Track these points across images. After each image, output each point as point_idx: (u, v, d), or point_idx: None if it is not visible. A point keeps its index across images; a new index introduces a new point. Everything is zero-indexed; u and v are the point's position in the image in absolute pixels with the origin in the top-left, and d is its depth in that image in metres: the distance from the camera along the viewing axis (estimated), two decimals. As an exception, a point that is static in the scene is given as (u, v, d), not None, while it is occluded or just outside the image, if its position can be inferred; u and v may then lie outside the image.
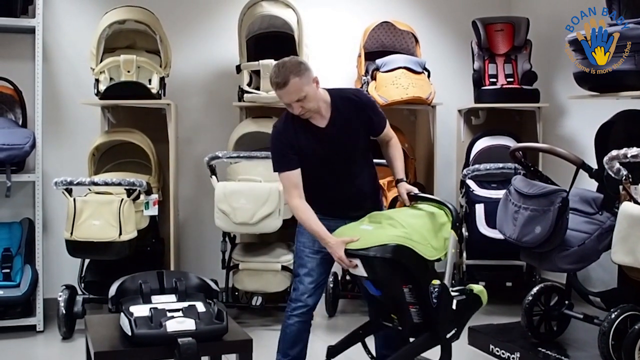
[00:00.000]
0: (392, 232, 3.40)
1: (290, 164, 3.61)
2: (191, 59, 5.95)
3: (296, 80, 3.48)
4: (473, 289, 3.63)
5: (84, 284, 5.16)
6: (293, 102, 3.51)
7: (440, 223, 3.55)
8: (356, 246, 3.40)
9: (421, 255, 3.41)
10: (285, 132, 3.64)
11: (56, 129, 5.59)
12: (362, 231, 3.47)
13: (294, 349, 3.83)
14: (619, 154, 3.71)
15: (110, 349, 2.92)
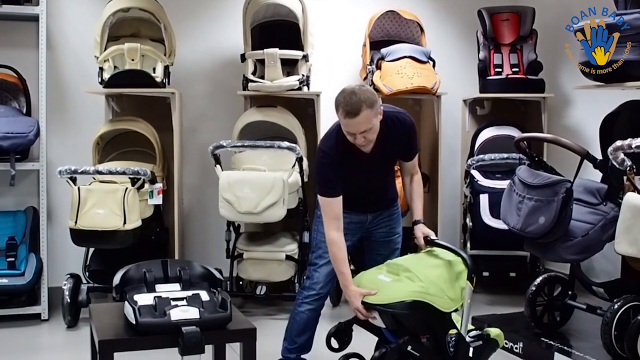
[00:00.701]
0: (409, 287, 3.39)
1: (336, 190, 3.57)
2: (196, 48, 5.95)
3: (368, 112, 3.36)
4: (490, 333, 3.60)
5: (88, 273, 5.18)
6: (358, 133, 3.41)
7: (457, 272, 3.52)
8: (375, 301, 3.40)
9: (438, 308, 3.40)
10: (334, 157, 3.57)
11: (60, 117, 5.60)
12: (380, 283, 3.47)
13: (302, 336, 3.88)
14: (624, 145, 3.71)
15: (115, 337, 2.92)
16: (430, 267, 3.53)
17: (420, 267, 3.51)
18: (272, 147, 5.04)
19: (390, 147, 3.64)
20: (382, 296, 3.40)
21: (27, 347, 4.73)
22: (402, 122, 3.68)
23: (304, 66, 5.50)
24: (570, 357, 4.14)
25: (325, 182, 3.58)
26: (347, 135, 3.47)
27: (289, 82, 5.38)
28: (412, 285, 3.39)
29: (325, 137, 3.69)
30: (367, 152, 3.58)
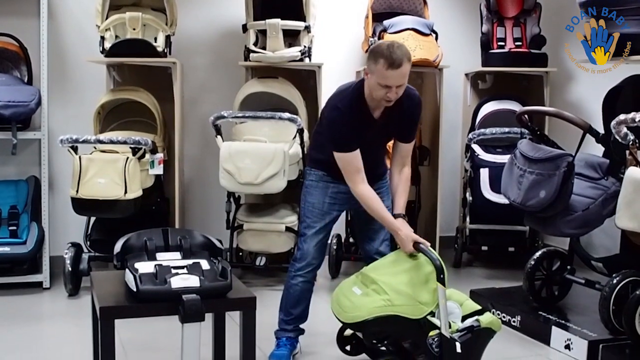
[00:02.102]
0: (373, 302, 3.39)
1: (352, 145, 3.57)
2: (197, 17, 5.91)
3: (407, 66, 3.41)
4: (482, 322, 3.50)
5: (89, 242, 5.19)
6: (395, 86, 3.41)
7: (427, 273, 3.47)
8: (346, 319, 3.46)
9: (408, 317, 3.39)
10: (349, 115, 3.55)
11: (62, 86, 5.58)
12: (354, 297, 3.48)
13: (297, 308, 3.89)
14: (627, 119, 3.70)
15: (115, 304, 2.93)
16: (398, 273, 3.50)
17: (387, 276, 3.49)
18: (273, 118, 5.03)
19: (395, 118, 3.64)
20: (353, 314, 3.42)
21: (28, 315, 4.75)
22: (411, 97, 3.67)
23: (306, 37, 5.47)
24: (568, 331, 4.16)
25: (342, 139, 3.58)
26: (378, 90, 3.44)
27: (290, 53, 5.36)
28: (376, 301, 3.39)
29: (340, 96, 3.65)
30: (376, 118, 3.60)
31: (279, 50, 5.31)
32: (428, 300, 3.41)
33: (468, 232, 5.87)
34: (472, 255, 6.21)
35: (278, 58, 5.32)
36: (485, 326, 3.46)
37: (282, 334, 3.95)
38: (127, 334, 3.92)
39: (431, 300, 3.40)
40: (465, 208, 5.88)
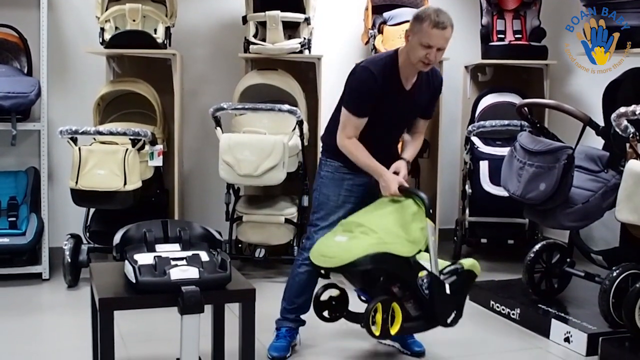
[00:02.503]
0: (365, 241, 3.38)
1: (365, 111, 3.62)
2: (197, 9, 5.90)
3: (450, 30, 3.53)
4: (463, 265, 3.59)
5: (89, 233, 5.20)
6: (436, 48, 3.49)
7: (411, 213, 3.50)
8: (336, 264, 3.39)
9: (400, 255, 3.40)
10: (376, 79, 3.59)
11: (61, 77, 5.57)
12: (338, 245, 3.44)
13: (301, 297, 3.91)
14: (627, 111, 3.69)
15: (115, 296, 2.93)
16: (384, 215, 3.52)
17: (372, 218, 3.51)
18: (272, 110, 5.02)
19: (424, 92, 3.72)
20: (342, 257, 3.37)
21: (28, 306, 4.76)
22: (436, 75, 3.80)
23: (306, 29, 5.46)
24: (568, 324, 4.16)
25: (360, 100, 3.63)
26: (418, 51, 3.49)
27: (290, 45, 5.35)
28: (368, 239, 3.39)
29: (373, 60, 3.71)
30: (407, 89, 3.66)
31: (279, 42, 5.30)
32: (417, 239, 3.43)
33: (467, 224, 5.87)
34: (471, 248, 6.19)
35: (278, 50, 5.31)
36: (467, 268, 3.57)
37: (283, 323, 3.95)
38: (126, 325, 3.93)
39: (420, 239, 3.43)
40: (464, 200, 5.88)
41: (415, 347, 3.94)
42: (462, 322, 4.50)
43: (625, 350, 3.83)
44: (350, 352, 4.00)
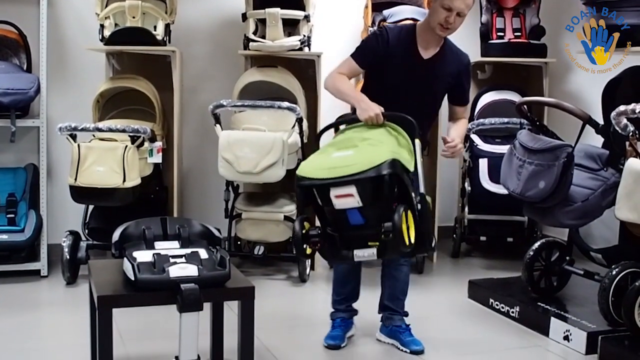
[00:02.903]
0: (381, 149, 3.29)
1: (364, 61, 3.71)
2: (197, 6, 5.89)
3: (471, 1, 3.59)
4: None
5: (87, 230, 5.19)
6: (455, 12, 3.54)
7: (396, 135, 3.48)
8: (352, 171, 3.18)
9: (407, 167, 3.33)
10: (387, 39, 3.68)
11: (61, 74, 5.56)
12: (343, 159, 3.28)
13: (345, 287, 4.01)
14: (627, 110, 3.68)
15: (113, 293, 2.93)
16: (382, 134, 3.49)
17: (375, 135, 3.46)
18: (272, 107, 5.01)
19: (446, 68, 3.73)
20: (358, 165, 3.19)
21: (26, 303, 4.75)
22: (460, 55, 3.82)
23: (305, 26, 5.45)
24: (567, 322, 4.15)
25: (362, 48, 3.77)
26: (439, 14, 3.56)
27: (290, 42, 5.34)
28: (383, 147, 3.32)
29: (392, 26, 3.84)
30: (424, 58, 3.68)
31: (279, 40, 5.29)
32: (408, 159, 3.38)
33: (466, 222, 5.87)
34: (470, 246, 6.21)
35: (277, 47, 5.30)
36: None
37: (336, 314, 4.05)
38: (124, 323, 3.92)
39: (410, 158, 3.39)
40: (463, 198, 5.88)
41: (413, 345, 3.94)
42: (462, 319, 4.54)
43: (624, 349, 3.82)
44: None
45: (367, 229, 3.30)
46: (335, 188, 3.23)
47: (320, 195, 3.32)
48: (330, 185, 3.23)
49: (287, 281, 5.29)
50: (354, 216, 3.29)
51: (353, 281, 4.02)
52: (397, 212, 3.18)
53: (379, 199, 3.25)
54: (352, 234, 3.36)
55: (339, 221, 3.35)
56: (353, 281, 4.02)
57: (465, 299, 4.95)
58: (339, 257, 3.46)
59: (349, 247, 3.35)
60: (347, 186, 3.20)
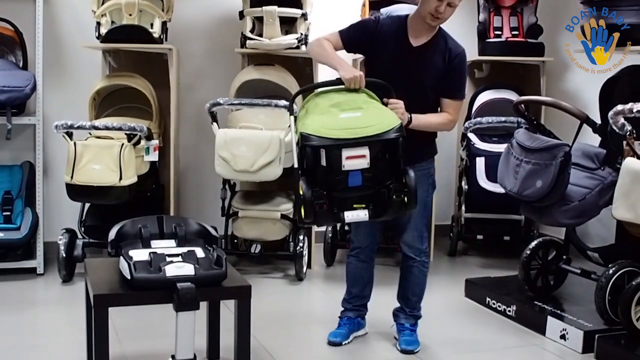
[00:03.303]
0: (387, 113, 3.40)
1: (349, 37, 3.73)
2: (194, 4, 5.87)
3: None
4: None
5: (84, 228, 5.17)
6: (446, 2, 3.54)
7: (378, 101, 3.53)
8: (370, 132, 3.25)
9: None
10: (378, 23, 3.72)
11: (57, 72, 5.54)
12: (356, 119, 3.32)
13: (355, 287, 4.03)
14: (625, 109, 3.68)
15: (109, 292, 2.92)
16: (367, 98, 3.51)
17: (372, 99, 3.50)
18: (269, 105, 5.01)
19: (433, 58, 3.68)
20: (376, 127, 3.27)
21: (22, 300, 4.74)
22: (453, 47, 3.74)
23: (303, 25, 5.44)
24: (563, 321, 4.15)
25: (352, 26, 3.80)
26: (430, 3, 3.56)
27: (287, 41, 5.33)
28: (388, 112, 3.42)
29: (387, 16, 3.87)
30: (413, 46, 3.67)
31: (276, 38, 5.28)
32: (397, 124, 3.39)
33: (463, 220, 5.87)
34: (467, 244, 6.21)
35: (275, 45, 5.29)
36: None
37: (344, 313, 4.08)
38: (121, 321, 3.92)
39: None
40: (460, 197, 5.88)
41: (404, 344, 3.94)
42: (459, 318, 4.55)
43: (621, 348, 3.83)
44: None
45: (363, 190, 3.35)
46: (349, 149, 3.26)
47: (328, 155, 3.32)
48: (345, 145, 3.25)
49: (284, 280, 5.28)
50: (355, 178, 3.33)
51: (362, 281, 4.01)
52: (408, 174, 3.31)
53: (383, 161, 3.33)
54: (344, 196, 3.37)
55: (335, 183, 3.35)
56: (362, 281, 4.01)
57: (462, 297, 4.95)
58: (330, 219, 3.44)
59: (340, 209, 3.38)
60: (362, 147, 3.26)
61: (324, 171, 3.35)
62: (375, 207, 3.37)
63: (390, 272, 5.32)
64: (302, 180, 3.35)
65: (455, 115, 3.76)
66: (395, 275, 4.09)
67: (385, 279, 4.57)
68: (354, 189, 3.35)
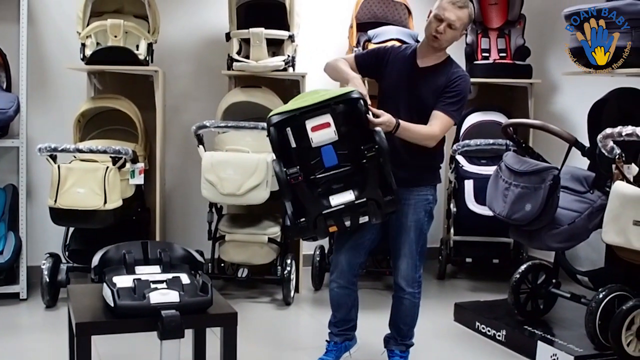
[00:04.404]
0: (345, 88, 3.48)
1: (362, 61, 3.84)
2: (180, 25, 5.85)
3: (465, 13, 3.62)
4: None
5: (68, 253, 5.11)
6: (446, 23, 3.58)
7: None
8: (324, 98, 3.36)
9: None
10: (393, 51, 3.81)
11: (41, 93, 5.50)
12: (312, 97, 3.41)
13: (339, 312, 3.94)
14: (614, 132, 3.66)
15: (92, 320, 2.86)
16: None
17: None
18: (256, 128, 4.97)
19: (435, 79, 3.69)
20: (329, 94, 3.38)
21: (5, 326, 4.65)
22: (457, 71, 3.74)
23: (290, 47, 5.42)
24: (554, 346, 4.11)
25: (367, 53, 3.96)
26: (432, 24, 3.63)
27: (274, 63, 5.30)
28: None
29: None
30: (420, 66, 3.72)
31: (263, 60, 5.25)
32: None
33: (452, 243, 5.83)
34: (456, 267, 6.17)
35: (262, 67, 5.27)
36: None
37: (331, 337, 3.99)
38: (105, 348, 3.86)
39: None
40: (449, 219, 5.85)
41: None
42: (448, 343, 4.50)
43: (611, 373, 3.80)
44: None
45: (342, 170, 3.38)
46: (312, 119, 3.33)
47: (295, 134, 3.35)
48: (305, 115, 3.33)
49: (271, 304, 5.22)
50: (329, 155, 3.36)
51: (345, 306, 3.91)
52: (377, 133, 3.34)
53: (352, 134, 3.35)
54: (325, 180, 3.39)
55: (314, 167, 3.38)
56: (345, 306, 3.91)
57: (451, 321, 4.91)
58: (318, 206, 3.40)
59: (325, 195, 3.39)
60: (324, 115, 3.33)
61: (298, 154, 3.37)
62: (360, 190, 3.38)
63: (379, 296, 5.29)
64: (274, 161, 3.43)
65: (438, 130, 3.65)
66: (384, 300, 4.05)
67: (376, 303, 4.53)
68: (332, 169, 3.37)
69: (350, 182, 3.39)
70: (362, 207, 3.38)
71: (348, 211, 3.38)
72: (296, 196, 3.40)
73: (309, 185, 3.38)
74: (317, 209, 3.38)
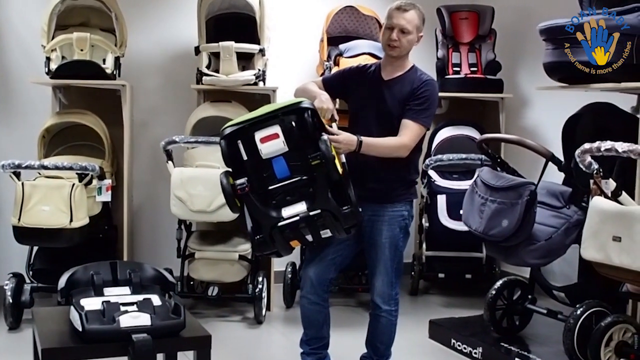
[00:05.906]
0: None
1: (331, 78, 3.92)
2: (148, 39, 5.76)
3: (415, 15, 3.63)
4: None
5: (32, 272, 4.97)
6: (396, 29, 3.60)
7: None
8: (273, 108, 3.36)
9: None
10: (357, 73, 3.82)
11: (5, 108, 5.38)
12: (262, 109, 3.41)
13: (310, 329, 3.86)
14: (592, 147, 3.63)
15: (59, 346, 2.75)
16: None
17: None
18: (226, 143, 4.88)
19: (401, 89, 3.66)
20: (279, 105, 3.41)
21: (-35, 350, 4.51)
22: (422, 77, 3.71)
23: (260, 60, 5.35)
24: (531, 363, 4.08)
25: (334, 75, 4.00)
26: (385, 34, 3.67)
27: (244, 77, 5.23)
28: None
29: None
30: (385, 79, 3.71)
31: (233, 74, 5.18)
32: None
33: (425, 259, 5.79)
34: (428, 283, 6.12)
35: (232, 81, 5.19)
36: None
37: (302, 357, 3.89)
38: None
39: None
40: (421, 235, 5.80)
41: None
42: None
43: (590, 390, 3.75)
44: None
45: (294, 181, 3.34)
46: (260, 130, 3.31)
47: (246, 147, 3.33)
48: (254, 127, 3.31)
49: (242, 323, 5.12)
50: (280, 166, 3.33)
51: (316, 324, 3.83)
52: (321, 141, 3.29)
53: (301, 144, 3.32)
54: (280, 191, 3.35)
55: (267, 180, 3.36)
56: (316, 324, 3.83)
57: (426, 339, 4.85)
58: (269, 218, 3.35)
59: (277, 207, 3.35)
60: (272, 126, 3.31)
61: (250, 167, 3.34)
62: (313, 201, 3.32)
63: (352, 313, 5.22)
64: (222, 174, 3.41)
65: (408, 139, 3.60)
66: (357, 317, 3.99)
67: (349, 320, 4.46)
68: (284, 180, 3.34)
69: (304, 193, 3.35)
70: (318, 218, 3.31)
71: (305, 224, 3.32)
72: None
73: (264, 198, 3.35)
74: (268, 221, 3.34)
